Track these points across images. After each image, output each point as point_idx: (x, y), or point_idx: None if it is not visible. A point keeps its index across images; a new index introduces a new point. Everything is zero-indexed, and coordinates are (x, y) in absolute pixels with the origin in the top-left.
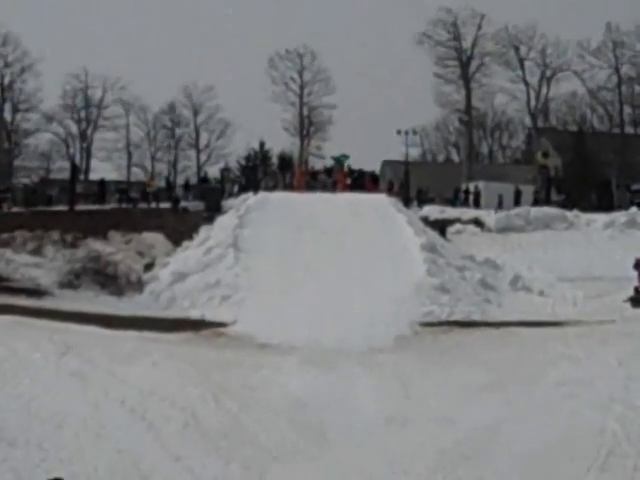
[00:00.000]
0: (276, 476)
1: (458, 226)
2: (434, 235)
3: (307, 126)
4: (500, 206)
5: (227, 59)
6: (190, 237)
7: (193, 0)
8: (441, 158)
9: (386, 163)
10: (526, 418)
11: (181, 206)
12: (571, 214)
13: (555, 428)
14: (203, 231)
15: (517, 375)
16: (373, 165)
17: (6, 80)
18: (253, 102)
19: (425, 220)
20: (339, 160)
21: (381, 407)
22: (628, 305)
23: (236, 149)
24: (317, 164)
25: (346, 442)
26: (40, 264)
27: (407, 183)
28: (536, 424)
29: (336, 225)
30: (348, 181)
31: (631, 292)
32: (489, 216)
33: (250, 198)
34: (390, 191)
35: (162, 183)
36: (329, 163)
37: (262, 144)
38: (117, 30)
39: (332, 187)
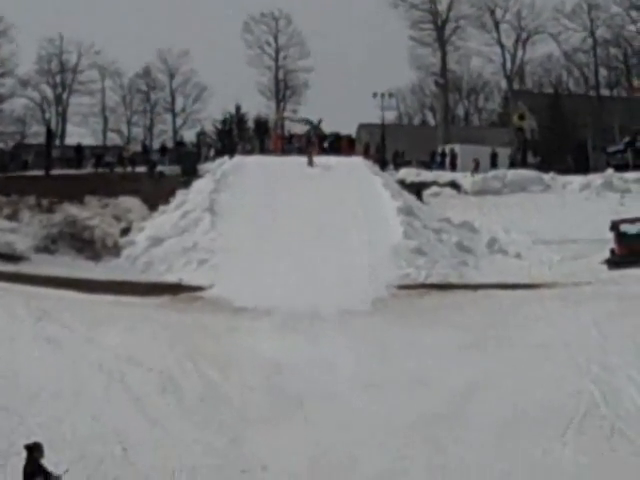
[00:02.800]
0: (252, 439)
1: (434, 189)
2: (411, 198)
3: (283, 90)
4: (476, 169)
5: (202, 23)
6: (166, 201)
7: None
8: (417, 121)
9: (362, 126)
10: (503, 380)
11: (157, 170)
12: (547, 176)
13: (532, 390)
14: (179, 195)
15: (494, 337)
16: (349, 128)
17: None
18: (228, 66)
19: (401, 183)
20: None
21: (358, 370)
22: (604, 267)
23: (212, 113)
24: (293, 128)
25: (323, 405)
26: (16, 229)
27: (383, 146)
28: (513, 385)
29: (312, 188)
30: (325, 144)
31: (607, 254)
32: (465, 179)
33: (226, 162)
34: (367, 154)
35: (138, 147)
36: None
37: (238, 108)
38: None
39: (307, 152)
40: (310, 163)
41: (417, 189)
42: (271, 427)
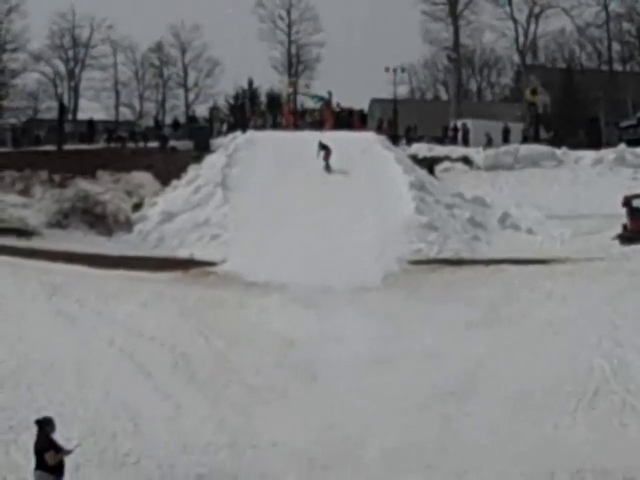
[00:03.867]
0: (262, 415)
1: (447, 164)
2: (423, 173)
3: (295, 64)
4: (489, 144)
5: None
6: (179, 176)
7: None
8: (429, 96)
9: (374, 101)
10: (514, 355)
11: (170, 145)
12: (560, 151)
13: (543, 365)
14: (192, 170)
15: (505, 312)
16: (361, 103)
17: None
18: (241, 41)
19: (414, 158)
20: (318, 99)
21: (369, 345)
22: (616, 242)
23: (224, 88)
24: (306, 103)
25: (334, 380)
26: (28, 204)
27: (395, 121)
28: (524, 361)
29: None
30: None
31: (619, 229)
32: (478, 154)
33: (239, 137)
34: (379, 129)
35: (150, 122)
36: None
37: (250, 83)
38: None
39: (323, 157)
40: (327, 168)
41: (429, 164)
42: (282, 402)
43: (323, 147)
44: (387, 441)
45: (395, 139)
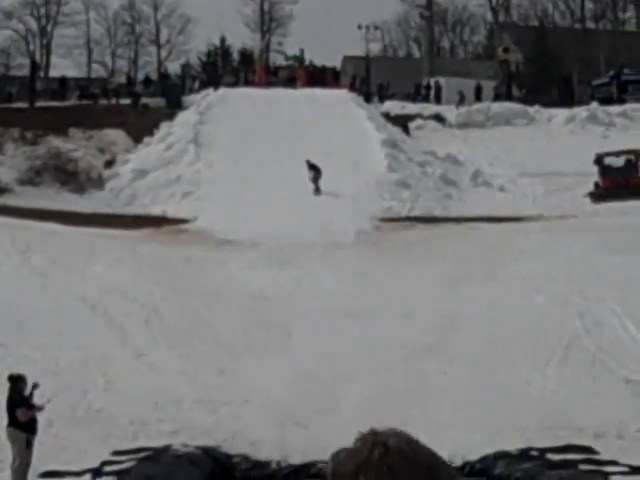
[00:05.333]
0: (237, 371)
1: (419, 122)
2: (395, 131)
3: (268, 22)
4: (461, 102)
5: None
6: (151, 133)
7: None
8: (402, 54)
9: (347, 59)
10: (487, 312)
11: (142, 102)
12: (532, 109)
13: (516, 322)
14: (164, 127)
15: (478, 270)
16: (334, 61)
17: None
18: None
19: (386, 116)
20: (292, 57)
21: (342, 302)
22: (588, 200)
23: (197, 45)
24: (278, 60)
25: (307, 336)
26: (0, 161)
27: (368, 79)
28: (496, 318)
29: (297, 121)
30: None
31: (591, 187)
32: (450, 111)
33: (211, 94)
34: (352, 87)
35: (123, 79)
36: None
37: (223, 40)
38: None
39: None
40: (317, 191)
41: (402, 122)
42: (255, 358)
43: (312, 167)
44: (361, 397)
45: (368, 97)
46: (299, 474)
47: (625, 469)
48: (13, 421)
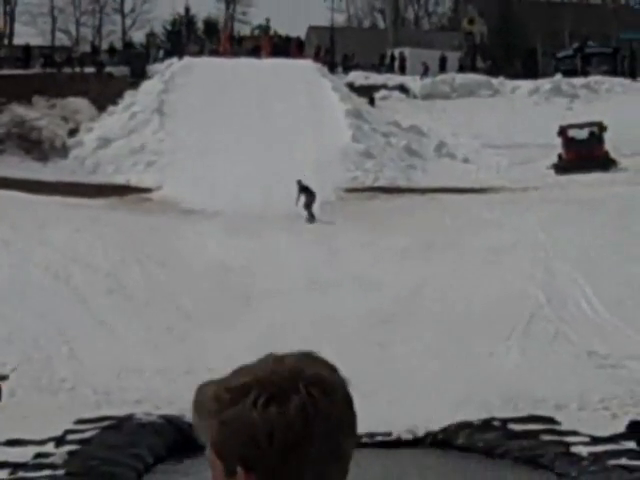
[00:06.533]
0: (199, 340)
1: (383, 92)
2: (360, 101)
3: None
4: (425, 73)
5: None
6: (115, 102)
7: None
8: (367, 24)
9: (312, 29)
10: (450, 283)
11: (106, 71)
12: (496, 81)
13: (478, 293)
14: (128, 96)
15: (441, 241)
16: (299, 31)
17: None
18: None
19: (350, 86)
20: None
21: (306, 272)
22: (551, 172)
23: (161, 14)
24: (243, 30)
25: (270, 306)
26: None
27: (333, 49)
28: (459, 289)
29: (261, 91)
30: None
31: (555, 159)
32: (414, 82)
33: (175, 63)
34: (317, 57)
35: (87, 48)
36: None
37: (187, 9)
38: None
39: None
40: (311, 218)
41: (366, 92)
42: (218, 327)
43: (304, 190)
44: None
45: (332, 67)
46: None
47: (586, 439)
48: None
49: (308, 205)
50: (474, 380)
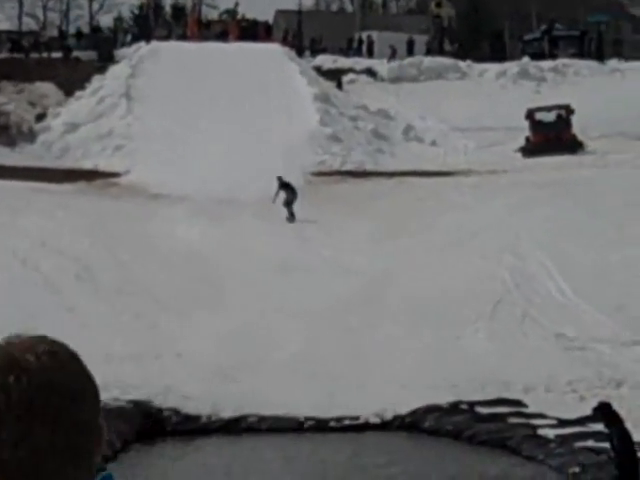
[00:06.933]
0: (168, 325)
1: (351, 76)
2: (327, 85)
3: None
4: (393, 56)
5: None
6: (82, 87)
7: None
8: (334, 8)
9: (279, 12)
10: (418, 267)
11: (73, 56)
12: (464, 64)
13: (447, 276)
14: (95, 81)
15: (409, 224)
16: (267, 15)
17: None
18: None
19: (318, 70)
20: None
21: (275, 256)
22: (519, 155)
23: None
24: (210, 14)
25: (239, 291)
26: None
27: (300, 33)
28: (428, 273)
29: (229, 75)
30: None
31: (522, 142)
32: (382, 66)
33: (143, 48)
34: (284, 41)
35: (54, 33)
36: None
37: None
38: None
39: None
40: (291, 217)
41: (336, 77)
42: (187, 313)
43: (285, 187)
44: (291, 352)
45: (300, 51)
46: (230, 428)
47: (553, 422)
48: None
49: (288, 203)
50: (442, 363)
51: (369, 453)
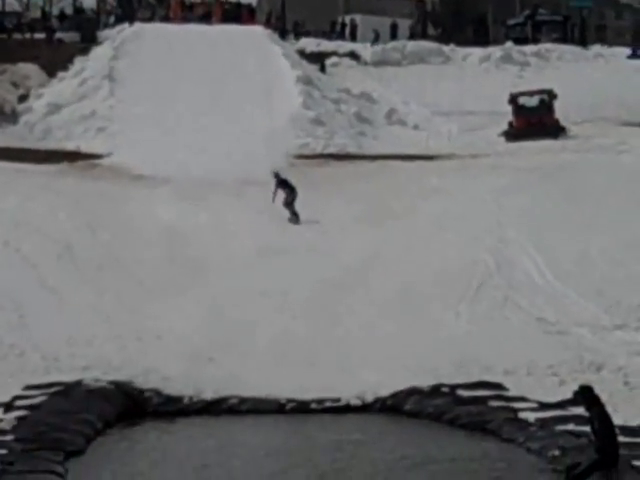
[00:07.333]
0: (149, 307)
1: (334, 59)
2: (310, 68)
3: None
4: (376, 40)
5: None
6: (65, 68)
7: None
8: None
9: None
10: (400, 251)
11: (56, 37)
12: (447, 48)
13: (428, 260)
14: (78, 62)
15: (392, 208)
16: None
17: None
18: None
19: (301, 53)
20: None
21: (257, 239)
22: (502, 139)
23: None
24: None
25: (220, 273)
26: None
27: (284, 15)
28: (410, 256)
29: (212, 57)
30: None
31: (505, 126)
32: (365, 49)
33: (126, 29)
34: (268, 23)
35: (37, 14)
36: None
37: None
38: None
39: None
40: (294, 217)
41: (317, 59)
42: (167, 295)
43: (283, 184)
44: (273, 334)
45: (283, 33)
46: (211, 409)
47: (534, 405)
48: None
49: (289, 204)
50: (423, 346)
51: (350, 436)
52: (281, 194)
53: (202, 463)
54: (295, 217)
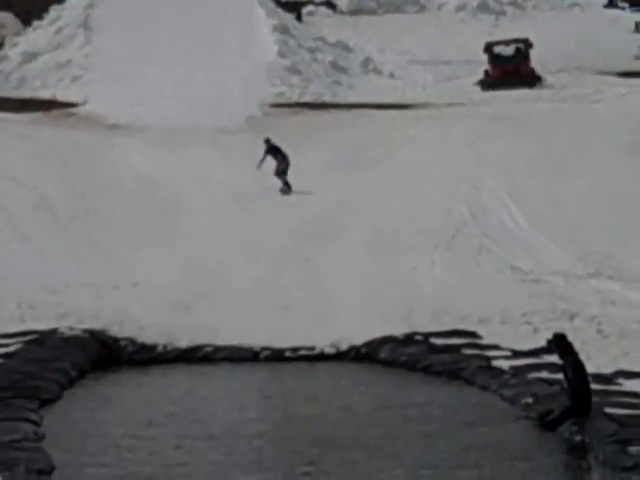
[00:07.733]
0: (124, 255)
1: (310, 8)
2: (287, 16)
3: None
4: None
5: None
6: (40, 17)
7: None
8: None
9: None
10: (375, 198)
11: None
12: None
13: (403, 208)
14: (53, 11)
15: (367, 156)
16: None
17: None
18: None
19: (277, 1)
20: None
21: (231, 186)
22: (477, 88)
23: None
24: None
25: (196, 221)
26: None
27: None
28: (385, 204)
29: (188, 5)
30: None
31: (481, 75)
32: None
33: None
34: None
35: None
36: None
37: None
38: None
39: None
40: (286, 188)
41: (297, 9)
42: (143, 243)
43: (275, 152)
44: (246, 282)
45: None
46: (186, 357)
47: (507, 353)
48: None
49: (281, 172)
50: (398, 294)
51: (323, 383)
52: (271, 162)
53: (174, 410)
54: (287, 187)
